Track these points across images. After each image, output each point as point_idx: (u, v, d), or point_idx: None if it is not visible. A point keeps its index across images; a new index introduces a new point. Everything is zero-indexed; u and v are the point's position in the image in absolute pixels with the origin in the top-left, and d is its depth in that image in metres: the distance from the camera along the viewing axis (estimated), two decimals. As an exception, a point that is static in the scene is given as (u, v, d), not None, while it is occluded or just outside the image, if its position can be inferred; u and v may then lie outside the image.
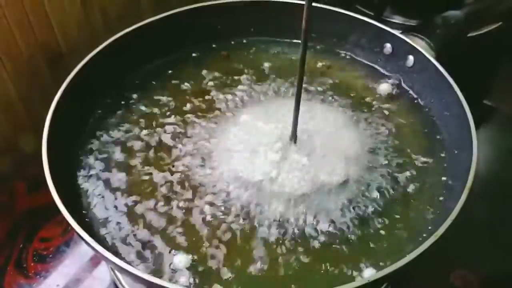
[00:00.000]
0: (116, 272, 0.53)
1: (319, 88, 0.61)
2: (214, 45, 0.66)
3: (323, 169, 0.47)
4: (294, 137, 0.47)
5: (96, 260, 0.55)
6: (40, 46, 0.61)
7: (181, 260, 0.43)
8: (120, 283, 0.53)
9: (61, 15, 0.62)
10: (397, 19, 0.86)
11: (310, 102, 0.59)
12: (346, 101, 0.59)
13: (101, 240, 0.45)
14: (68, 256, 0.55)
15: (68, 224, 0.42)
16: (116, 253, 0.44)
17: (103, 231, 0.46)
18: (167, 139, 0.54)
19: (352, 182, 0.48)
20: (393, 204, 0.48)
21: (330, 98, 0.59)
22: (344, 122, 0.54)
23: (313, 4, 0.63)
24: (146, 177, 0.50)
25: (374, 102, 0.60)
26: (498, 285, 0.56)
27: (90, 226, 0.46)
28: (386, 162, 0.52)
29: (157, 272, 0.43)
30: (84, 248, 0.56)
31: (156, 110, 0.58)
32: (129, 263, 0.42)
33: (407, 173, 0.51)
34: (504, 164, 0.68)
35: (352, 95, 0.60)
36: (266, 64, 0.64)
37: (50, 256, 0.55)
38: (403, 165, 0.52)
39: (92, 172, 0.51)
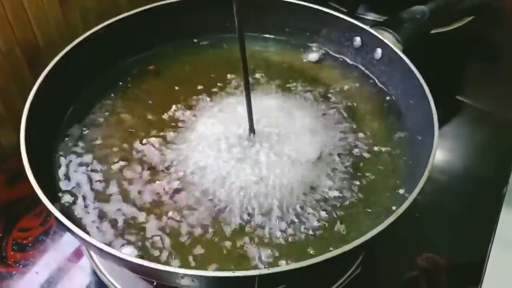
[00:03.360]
0: (95, 259, 0.55)
1: (282, 81, 0.63)
2: (195, 40, 0.68)
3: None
4: (251, 129, 0.51)
5: (75, 248, 0.56)
6: (19, 42, 0.62)
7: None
8: (100, 270, 0.54)
9: (39, 12, 0.63)
10: (370, 16, 0.89)
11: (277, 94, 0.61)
12: (312, 92, 0.61)
13: (80, 226, 0.46)
14: (47, 245, 0.56)
15: (48, 213, 0.43)
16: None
17: (81, 218, 0.47)
18: (142, 128, 0.56)
19: (315, 170, 0.51)
20: (359, 187, 0.51)
21: (298, 90, 0.62)
22: (309, 114, 0.58)
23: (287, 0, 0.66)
24: (124, 167, 0.52)
25: (340, 93, 0.62)
26: (462, 267, 0.58)
27: (69, 213, 0.47)
28: (352, 149, 0.55)
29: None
30: (63, 237, 0.57)
31: (131, 103, 0.59)
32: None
33: (374, 158, 0.54)
34: (478, 159, 0.71)
35: (317, 86, 0.63)
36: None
37: (30, 245, 0.56)
38: (370, 151, 0.55)
39: (71, 162, 0.52)
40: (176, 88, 0.61)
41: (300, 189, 0.49)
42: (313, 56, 0.67)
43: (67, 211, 0.47)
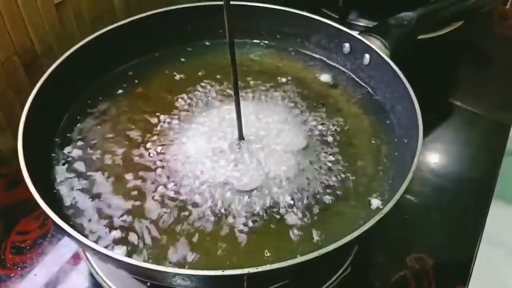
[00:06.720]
0: (93, 262, 0.56)
1: (275, 85, 0.65)
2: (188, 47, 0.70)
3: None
4: (240, 135, 0.52)
5: (73, 251, 0.57)
6: (16, 49, 0.63)
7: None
8: (97, 273, 0.55)
9: (36, 18, 0.64)
10: (361, 22, 0.91)
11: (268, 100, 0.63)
12: (300, 97, 0.63)
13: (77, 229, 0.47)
14: (45, 248, 0.57)
15: (46, 217, 0.44)
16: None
17: (77, 221, 0.48)
18: (136, 135, 0.57)
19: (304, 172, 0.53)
20: (347, 186, 0.52)
21: (286, 95, 0.63)
22: (296, 118, 0.60)
23: (278, 7, 0.68)
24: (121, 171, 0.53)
25: (329, 98, 0.64)
26: (450, 266, 0.60)
27: (65, 216, 0.48)
28: (340, 150, 0.56)
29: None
30: (61, 240, 0.58)
31: (127, 109, 0.61)
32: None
33: (362, 162, 0.55)
34: (466, 160, 0.72)
35: (306, 91, 0.64)
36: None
37: (28, 248, 0.57)
38: (358, 153, 0.56)
39: (68, 167, 0.53)
40: (166, 95, 0.63)
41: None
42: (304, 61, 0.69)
43: (64, 215, 0.49)
